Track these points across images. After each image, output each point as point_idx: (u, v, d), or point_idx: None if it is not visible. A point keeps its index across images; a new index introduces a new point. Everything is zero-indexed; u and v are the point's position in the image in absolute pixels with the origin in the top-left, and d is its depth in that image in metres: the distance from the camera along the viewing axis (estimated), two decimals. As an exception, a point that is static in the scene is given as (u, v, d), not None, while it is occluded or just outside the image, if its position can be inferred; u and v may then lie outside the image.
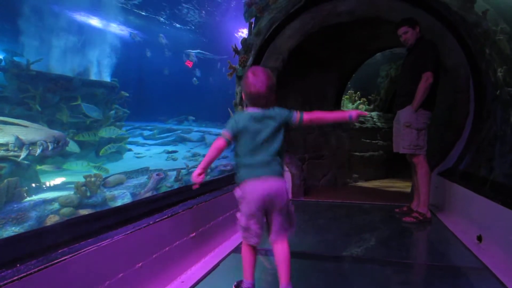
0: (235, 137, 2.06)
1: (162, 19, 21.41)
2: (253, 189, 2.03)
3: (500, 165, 5.52)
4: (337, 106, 8.02)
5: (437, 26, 4.86)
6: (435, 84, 3.88)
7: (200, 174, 2.09)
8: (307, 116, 2.20)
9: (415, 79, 3.86)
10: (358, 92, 9.76)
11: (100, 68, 14.84)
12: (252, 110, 2.11)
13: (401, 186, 7.00)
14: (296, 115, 2.19)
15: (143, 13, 20.18)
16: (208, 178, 10.09)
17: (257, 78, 2.07)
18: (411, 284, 2.47)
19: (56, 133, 9.47)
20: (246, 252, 2.20)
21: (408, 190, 5.54)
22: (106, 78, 14.85)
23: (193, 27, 23.19)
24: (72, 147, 11.02)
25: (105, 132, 12.03)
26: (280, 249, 2.16)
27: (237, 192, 2.12)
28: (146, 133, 19.21)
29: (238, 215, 2.14)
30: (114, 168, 11.09)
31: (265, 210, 2.08)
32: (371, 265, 2.77)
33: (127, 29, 19.22)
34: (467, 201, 3.70)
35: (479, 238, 3.13)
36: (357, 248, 3.16)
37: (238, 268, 2.71)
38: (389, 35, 4.54)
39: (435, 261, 2.98)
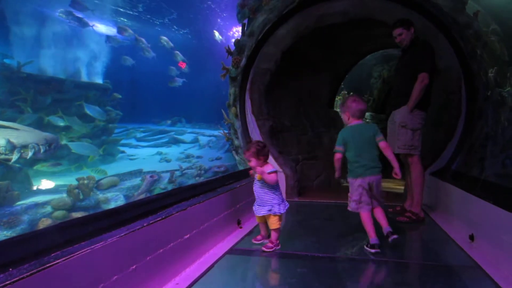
0: None
1: (157, 21, 21.36)
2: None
3: (492, 165, 5.60)
4: (330, 106, 8.06)
5: (429, 28, 4.90)
6: (429, 85, 3.90)
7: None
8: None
9: (411, 80, 3.88)
10: (351, 93, 9.81)
11: (92, 69, 14.75)
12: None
13: (395, 186, 7.03)
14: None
15: (136, 14, 20.11)
16: (202, 179, 10.08)
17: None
18: (405, 284, 2.48)
19: (48, 135, 9.39)
20: (367, 217, 3.12)
21: (402, 190, 5.57)
22: (99, 80, 14.77)
23: (186, 30, 23.20)
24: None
25: (76, 148, 11.59)
26: (379, 211, 3.26)
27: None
28: (139, 135, 19.12)
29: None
30: (107, 170, 11.02)
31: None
32: (365, 265, 2.78)
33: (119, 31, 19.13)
34: (459, 200, 3.73)
35: (471, 237, 3.16)
36: (352, 248, 3.17)
37: (232, 269, 2.72)
38: (382, 36, 4.57)
39: (429, 260, 3.00)
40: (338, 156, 3.27)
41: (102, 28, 15.94)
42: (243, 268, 2.79)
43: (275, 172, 3.02)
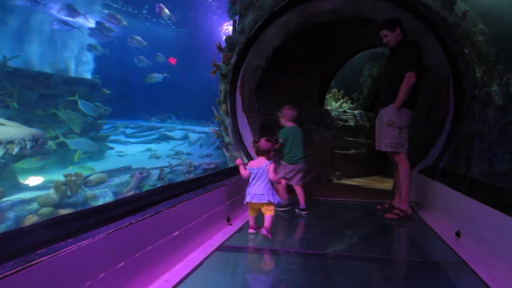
0: None
1: (147, 15, 21.13)
2: None
3: (478, 162, 5.69)
4: (320, 104, 8.08)
5: (418, 26, 4.95)
6: (417, 84, 3.94)
7: None
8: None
9: (398, 79, 3.91)
10: (342, 91, 9.87)
11: (81, 64, 14.53)
12: None
13: (383, 183, 7.11)
14: None
15: (125, 9, 19.87)
16: (191, 176, 10.05)
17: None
18: (392, 280, 2.51)
19: (35, 131, 9.24)
20: (282, 188, 4.31)
21: (390, 187, 5.63)
22: (87, 75, 14.55)
23: (176, 25, 22.99)
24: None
25: (74, 144, 11.49)
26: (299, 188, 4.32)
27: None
28: (128, 131, 18.94)
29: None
30: (95, 167, 10.90)
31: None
32: (354, 261, 2.80)
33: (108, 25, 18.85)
34: (446, 198, 3.79)
35: (458, 234, 3.22)
36: (340, 245, 3.19)
37: (222, 266, 2.71)
38: (372, 35, 4.60)
39: (416, 257, 3.04)
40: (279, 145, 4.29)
41: (92, 21, 15.69)
42: (232, 265, 2.78)
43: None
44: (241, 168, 3.46)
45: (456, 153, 4.94)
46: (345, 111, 8.75)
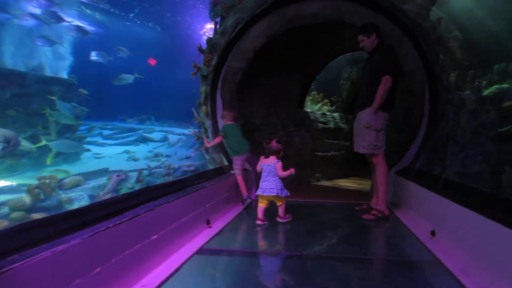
0: None
1: (130, 15, 20.77)
2: None
3: (452, 164, 5.85)
4: (301, 106, 8.15)
5: (396, 31, 5.07)
6: (393, 87, 4.03)
7: None
8: None
9: (375, 82, 3.99)
10: (321, 93, 9.97)
11: (57, 63, 14.12)
12: None
13: (362, 184, 7.23)
14: None
15: (105, 8, 19.47)
16: (171, 178, 9.92)
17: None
18: (370, 279, 2.55)
19: (6, 132, 8.92)
20: (240, 179, 4.85)
21: (368, 188, 5.73)
22: (63, 74, 14.16)
23: (157, 25, 22.71)
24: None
25: (57, 146, 11.21)
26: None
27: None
28: (105, 132, 18.54)
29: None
30: (71, 169, 10.62)
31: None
32: (333, 262, 2.83)
33: (88, 25, 18.41)
34: (422, 198, 3.89)
35: (433, 233, 3.30)
36: (320, 245, 3.22)
37: (201, 269, 2.69)
38: (351, 39, 4.68)
39: (393, 256, 3.10)
40: (219, 139, 4.89)
41: (69, 20, 15.27)
42: (212, 268, 2.76)
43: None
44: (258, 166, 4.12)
45: (431, 155, 5.07)
46: (324, 114, 8.85)
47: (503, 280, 2.10)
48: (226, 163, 5.42)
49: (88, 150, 13.95)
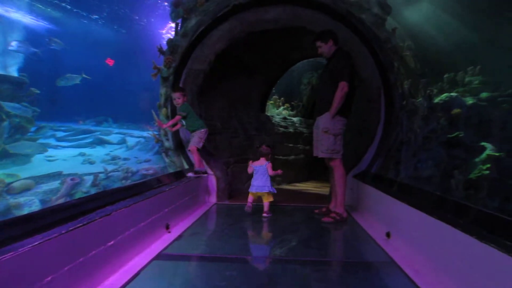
0: None
1: (86, 13, 19.88)
2: None
3: (406, 168, 6.14)
4: (262, 110, 8.20)
5: (354, 39, 5.23)
6: (350, 93, 4.15)
7: None
8: None
9: (333, 88, 4.08)
10: (282, 98, 10.10)
11: (5, 60, 13.25)
12: None
13: (321, 188, 7.38)
14: None
15: (59, 3, 18.55)
16: (129, 182, 9.60)
17: None
18: (327, 281, 2.59)
19: None
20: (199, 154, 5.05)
21: (327, 191, 5.85)
22: (13, 72, 13.31)
23: (116, 24, 21.96)
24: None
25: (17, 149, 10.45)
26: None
27: None
28: (59, 134, 17.62)
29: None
30: (21, 172, 9.97)
31: None
32: (293, 265, 2.85)
33: (41, 21, 17.45)
34: (378, 201, 4.03)
35: (388, 235, 3.42)
36: (280, 249, 3.24)
37: (159, 275, 2.61)
38: (310, 45, 4.79)
39: (350, 258, 3.18)
40: (178, 118, 4.95)
41: (19, 16, 14.41)
42: (171, 274, 2.68)
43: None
44: (249, 167, 4.76)
45: (387, 159, 5.28)
46: (285, 118, 8.97)
47: (453, 279, 2.21)
48: (186, 166, 5.32)
49: (45, 151, 13.17)
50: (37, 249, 1.78)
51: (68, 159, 13.48)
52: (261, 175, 4.62)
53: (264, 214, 4.52)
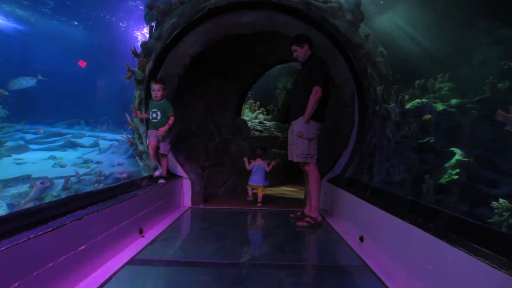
0: None
1: (58, 15, 19.21)
2: None
3: (379, 172, 6.26)
4: (237, 114, 8.17)
5: (328, 45, 5.30)
6: (324, 98, 4.19)
7: None
8: None
9: (307, 93, 4.12)
10: (258, 102, 10.12)
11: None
12: None
13: (296, 192, 7.41)
14: None
15: (28, 4, 17.89)
16: (101, 186, 9.35)
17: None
18: (302, 285, 2.59)
19: None
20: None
21: (302, 196, 5.88)
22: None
23: (89, 26, 21.39)
24: None
25: None
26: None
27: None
28: (28, 136, 16.95)
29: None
30: (-15, 176, 9.51)
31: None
32: (267, 269, 2.83)
33: (7, 21, 16.76)
34: (351, 205, 4.07)
35: (361, 239, 3.46)
36: (255, 253, 3.22)
37: (132, 280, 2.53)
38: (286, 50, 4.82)
39: (324, 262, 3.19)
40: (173, 119, 4.64)
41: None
42: (144, 279, 2.62)
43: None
44: (246, 164, 5.86)
45: (360, 164, 5.36)
46: (260, 122, 8.97)
47: (424, 282, 2.25)
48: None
49: (9, 155, 12.61)
50: (3, 255, 1.70)
51: (38, 162, 12.97)
52: (259, 172, 5.78)
53: (259, 204, 5.63)
